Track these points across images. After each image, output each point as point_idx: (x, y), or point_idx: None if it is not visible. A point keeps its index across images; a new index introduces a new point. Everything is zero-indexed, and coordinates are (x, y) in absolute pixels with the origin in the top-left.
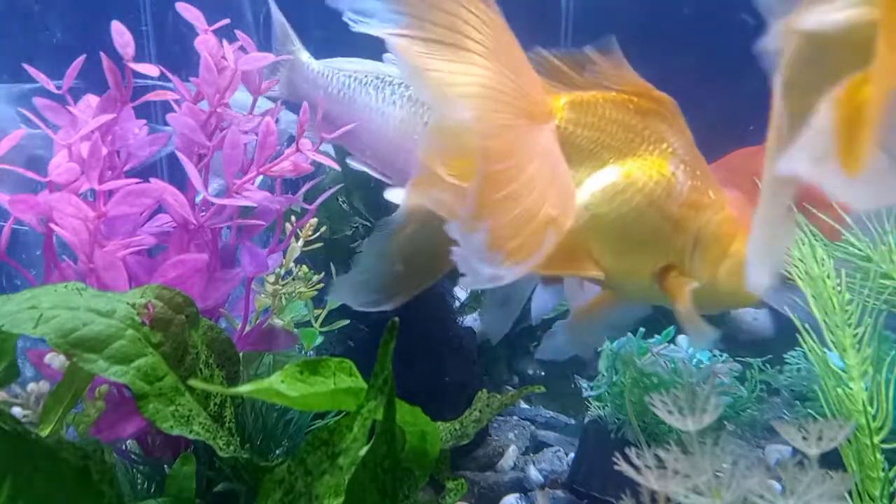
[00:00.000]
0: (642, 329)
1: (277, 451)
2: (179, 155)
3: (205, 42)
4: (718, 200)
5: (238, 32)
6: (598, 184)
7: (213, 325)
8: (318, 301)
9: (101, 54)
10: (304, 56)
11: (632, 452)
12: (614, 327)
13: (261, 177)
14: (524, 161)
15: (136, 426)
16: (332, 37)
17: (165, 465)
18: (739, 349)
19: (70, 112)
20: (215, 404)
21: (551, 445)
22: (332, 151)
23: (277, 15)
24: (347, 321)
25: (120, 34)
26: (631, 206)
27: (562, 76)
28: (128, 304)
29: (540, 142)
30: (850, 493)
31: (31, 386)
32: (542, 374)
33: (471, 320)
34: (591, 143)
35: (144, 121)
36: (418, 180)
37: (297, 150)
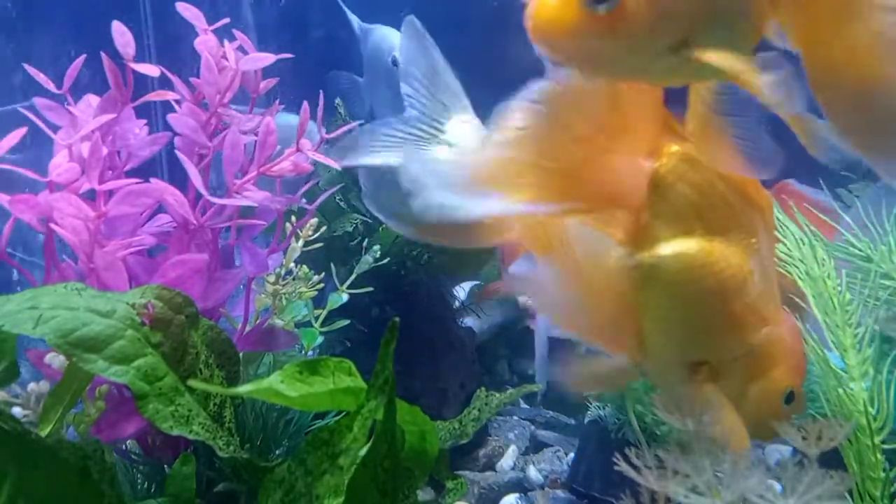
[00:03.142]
0: None
1: (277, 451)
2: (180, 155)
3: (205, 42)
4: (779, 317)
5: (236, 32)
6: (675, 248)
7: (213, 325)
8: (319, 301)
9: (102, 54)
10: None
11: (632, 452)
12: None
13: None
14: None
15: (136, 426)
16: None
17: (165, 465)
18: None
19: (70, 112)
20: (215, 404)
21: (551, 445)
22: None
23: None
24: (347, 321)
25: (121, 34)
26: (698, 287)
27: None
28: (128, 304)
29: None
30: (850, 494)
31: (31, 386)
32: None
33: (471, 320)
34: (686, 204)
35: (145, 121)
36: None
37: (297, 149)
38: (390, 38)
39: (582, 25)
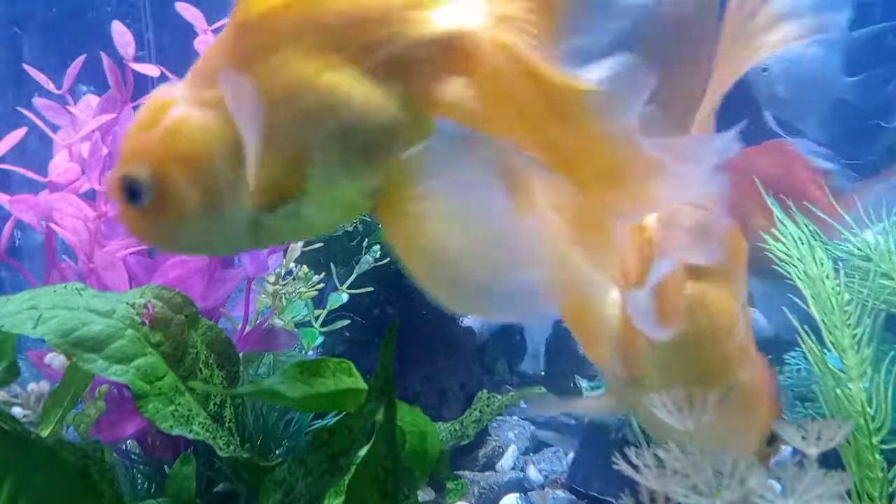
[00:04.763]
0: None
1: (277, 451)
2: None
3: (205, 42)
4: (756, 358)
5: None
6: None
7: (212, 325)
8: (319, 301)
9: (102, 54)
10: None
11: (632, 452)
12: None
13: None
14: None
15: (136, 426)
16: None
17: (165, 465)
18: None
19: (70, 112)
20: (215, 404)
21: (551, 445)
22: None
23: None
24: (347, 321)
25: (121, 34)
26: (694, 328)
27: None
28: (127, 304)
29: None
30: (849, 494)
31: (32, 386)
32: (542, 374)
33: (471, 320)
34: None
35: None
36: None
37: None
38: None
39: (140, 221)
